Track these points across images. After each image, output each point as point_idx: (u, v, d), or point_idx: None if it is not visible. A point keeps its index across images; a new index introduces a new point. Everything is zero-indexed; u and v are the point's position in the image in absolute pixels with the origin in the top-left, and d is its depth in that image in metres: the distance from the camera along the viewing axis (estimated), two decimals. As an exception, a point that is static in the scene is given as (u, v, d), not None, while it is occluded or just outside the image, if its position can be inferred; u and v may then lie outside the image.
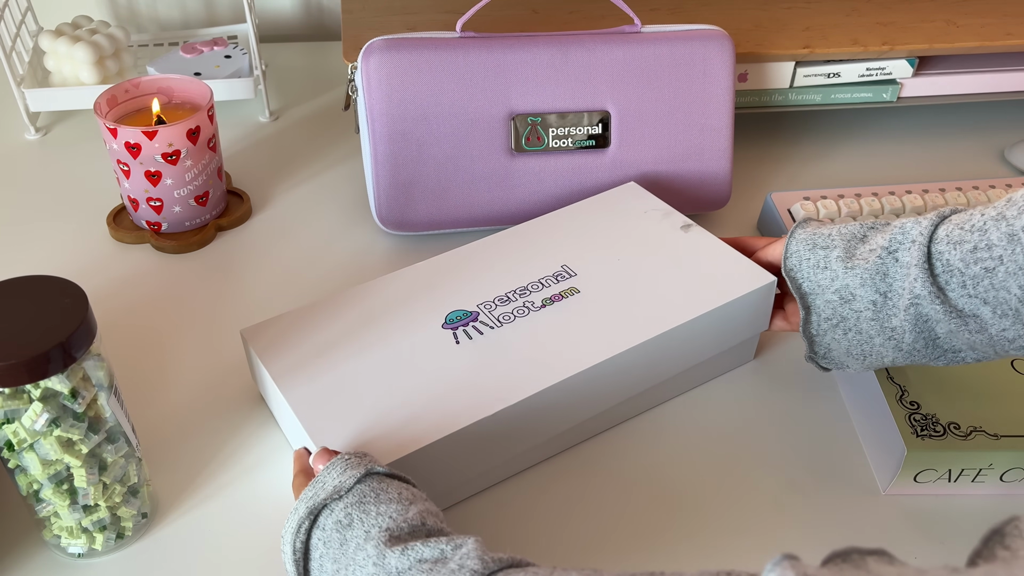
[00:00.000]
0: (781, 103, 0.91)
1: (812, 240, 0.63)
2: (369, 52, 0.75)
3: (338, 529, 0.48)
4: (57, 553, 0.58)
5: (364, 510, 0.48)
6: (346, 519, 0.48)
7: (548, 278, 0.67)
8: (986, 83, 0.93)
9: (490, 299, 0.65)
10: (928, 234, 0.56)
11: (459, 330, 0.63)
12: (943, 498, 0.61)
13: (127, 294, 0.78)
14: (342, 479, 0.50)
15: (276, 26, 1.17)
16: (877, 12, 0.93)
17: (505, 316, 0.64)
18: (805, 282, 0.62)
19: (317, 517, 0.50)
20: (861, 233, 0.61)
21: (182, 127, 0.77)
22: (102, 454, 0.53)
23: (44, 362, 0.47)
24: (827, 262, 0.61)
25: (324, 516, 0.49)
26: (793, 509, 0.61)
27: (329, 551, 0.48)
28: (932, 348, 0.58)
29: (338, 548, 0.48)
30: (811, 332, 0.63)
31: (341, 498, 0.49)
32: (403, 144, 0.77)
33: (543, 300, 0.65)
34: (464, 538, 0.46)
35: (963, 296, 0.54)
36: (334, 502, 0.49)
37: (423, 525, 0.48)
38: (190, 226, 0.83)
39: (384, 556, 0.46)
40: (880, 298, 0.58)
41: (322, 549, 0.49)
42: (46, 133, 0.97)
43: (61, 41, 0.93)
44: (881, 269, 0.58)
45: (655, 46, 0.78)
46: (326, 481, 0.50)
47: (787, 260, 0.63)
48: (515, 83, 0.77)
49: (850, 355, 0.62)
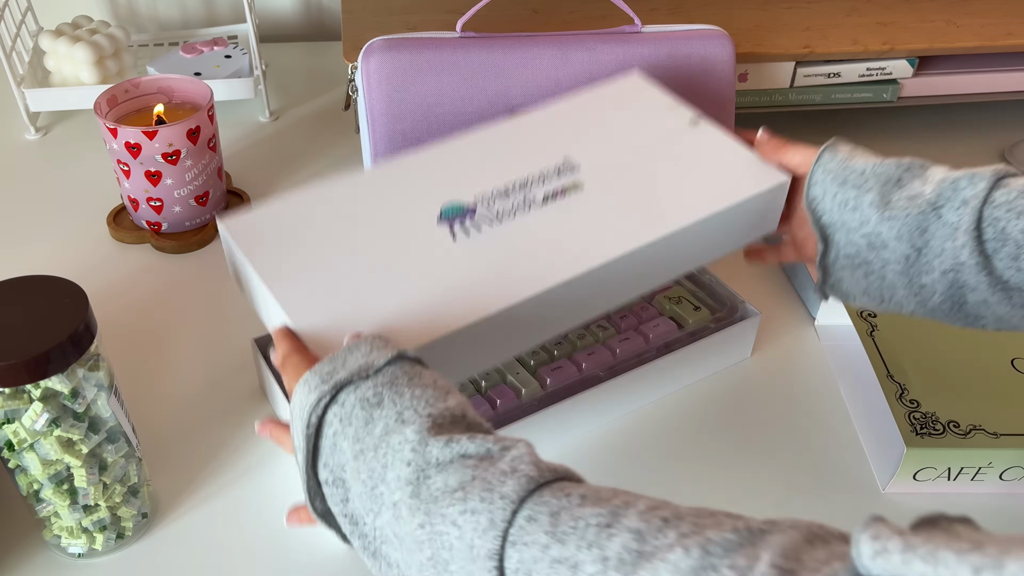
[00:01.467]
0: (781, 103, 0.91)
1: (842, 175, 0.57)
2: (369, 52, 0.75)
3: (363, 407, 0.44)
4: (57, 553, 0.58)
5: (397, 391, 0.44)
6: (375, 398, 0.44)
7: (549, 171, 0.62)
8: (986, 83, 0.93)
9: (488, 192, 0.60)
10: (983, 197, 0.52)
11: (455, 225, 0.58)
12: (943, 496, 0.61)
13: (127, 294, 0.78)
14: (369, 358, 0.45)
15: (276, 26, 1.17)
16: (877, 12, 0.93)
17: (505, 212, 0.59)
18: (826, 215, 0.58)
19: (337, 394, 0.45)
20: (896, 175, 0.56)
21: (182, 127, 0.77)
22: (102, 454, 0.53)
23: (44, 362, 0.47)
24: (858, 203, 0.56)
25: (345, 392, 0.44)
26: (793, 508, 0.61)
27: (348, 429, 0.44)
28: (957, 311, 0.55)
29: (362, 427, 0.43)
30: (827, 264, 0.59)
31: (368, 377, 0.45)
32: (403, 144, 0.77)
33: (544, 195, 0.60)
34: (512, 439, 0.42)
35: (1012, 268, 0.51)
36: (360, 380, 0.45)
37: (463, 417, 0.44)
38: (190, 226, 0.83)
39: (427, 443, 0.41)
40: (914, 253, 0.55)
41: (337, 427, 0.44)
42: (46, 133, 0.97)
43: (61, 41, 0.93)
44: (921, 224, 0.54)
45: (655, 46, 0.78)
46: (347, 359, 0.46)
47: (810, 188, 0.58)
48: (515, 83, 0.77)
49: (866, 295, 0.58)
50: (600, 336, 0.68)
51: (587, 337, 0.67)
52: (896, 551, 0.30)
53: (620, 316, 0.69)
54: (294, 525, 0.53)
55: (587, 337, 0.67)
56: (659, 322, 0.68)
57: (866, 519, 0.31)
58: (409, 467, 0.41)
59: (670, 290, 0.71)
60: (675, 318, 0.70)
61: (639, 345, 0.67)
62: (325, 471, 0.44)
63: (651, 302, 0.71)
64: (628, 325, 0.69)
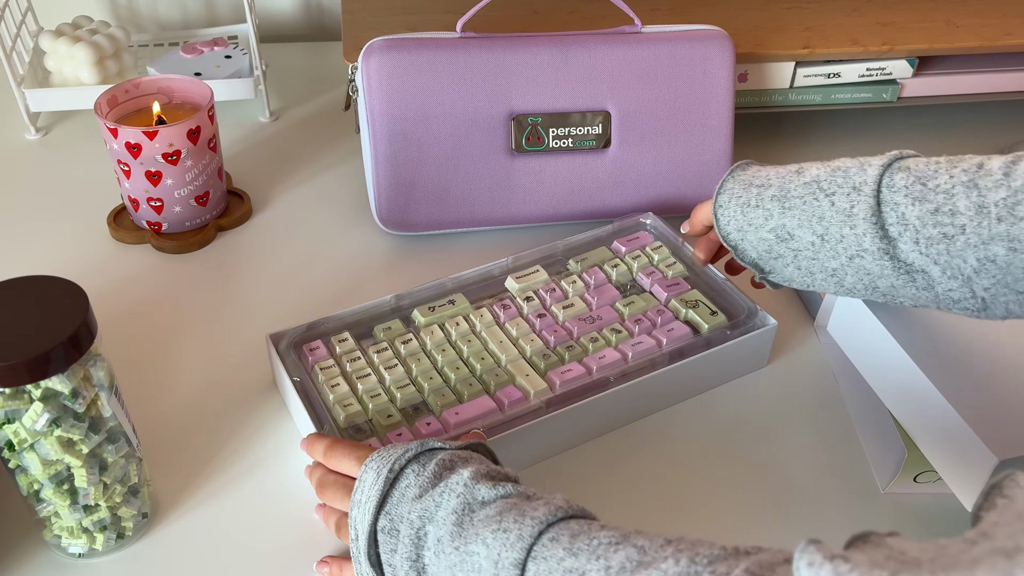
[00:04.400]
0: (781, 103, 0.91)
1: (747, 180, 0.62)
2: (369, 52, 0.75)
3: (437, 466, 0.49)
4: (57, 553, 0.58)
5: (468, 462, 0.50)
6: (449, 462, 0.50)
7: None
8: (986, 83, 0.93)
9: None
10: (875, 183, 0.54)
11: None
12: (943, 498, 0.61)
13: (127, 294, 0.78)
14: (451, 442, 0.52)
15: (276, 26, 1.17)
16: (877, 12, 0.93)
17: None
18: (733, 221, 0.62)
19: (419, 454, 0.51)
20: (797, 167, 0.60)
21: (182, 127, 0.77)
22: (102, 454, 0.53)
23: (45, 362, 0.47)
24: (760, 200, 0.60)
25: (427, 455, 0.51)
26: (793, 509, 0.61)
27: (418, 481, 0.49)
28: (872, 291, 0.58)
29: (429, 479, 0.49)
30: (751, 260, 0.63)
31: (448, 448, 0.51)
32: (403, 144, 0.77)
33: None
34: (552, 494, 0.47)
35: (914, 252, 0.53)
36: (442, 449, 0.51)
37: (516, 480, 0.50)
38: (190, 226, 0.83)
39: (477, 483, 0.47)
40: (818, 240, 0.57)
41: (411, 479, 0.49)
42: (46, 133, 0.97)
43: (61, 41, 0.93)
44: (817, 212, 0.57)
45: (655, 46, 0.78)
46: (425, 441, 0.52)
47: (718, 196, 0.63)
48: (515, 83, 0.77)
49: (794, 281, 0.62)
50: (612, 340, 0.67)
51: (599, 340, 0.67)
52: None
53: (634, 320, 0.68)
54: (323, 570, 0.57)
55: (599, 340, 0.67)
56: (673, 326, 0.68)
57: (802, 544, 0.33)
58: (458, 499, 0.47)
59: (686, 293, 0.71)
60: (691, 323, 0.69)
61: (652, 350, 0.66)
62: (385, 519, 0.49)
63: (667, 305, 0.71)
64: (642, 329, 0.68)
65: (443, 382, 0.64)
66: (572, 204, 0.81)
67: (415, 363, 0.65)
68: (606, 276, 0.73)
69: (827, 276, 0.59)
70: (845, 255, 0.56)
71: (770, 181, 0.61)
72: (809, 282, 0.61)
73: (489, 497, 0.47)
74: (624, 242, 0.75)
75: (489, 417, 0.62)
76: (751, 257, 0.63)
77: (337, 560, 0.56)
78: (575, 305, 0.70)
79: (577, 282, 0.72)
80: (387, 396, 0.63)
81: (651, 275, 0.72)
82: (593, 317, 0.69)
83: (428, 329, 0.67)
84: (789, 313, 0.75)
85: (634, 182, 0.81)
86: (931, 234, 0.52)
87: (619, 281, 0.73)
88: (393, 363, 0.65)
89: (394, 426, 0.61)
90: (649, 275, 0.72)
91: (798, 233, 0.58)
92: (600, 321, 0.68)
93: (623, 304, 0.70)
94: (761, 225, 0.60)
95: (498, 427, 0.61)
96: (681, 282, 0.72)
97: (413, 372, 0.65)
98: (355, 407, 0.62)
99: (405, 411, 0.63)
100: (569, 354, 0.66)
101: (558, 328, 0.68)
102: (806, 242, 0.58)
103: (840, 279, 0.58)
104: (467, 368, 0.65)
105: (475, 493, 0.47)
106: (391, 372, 0.64)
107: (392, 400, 0.63)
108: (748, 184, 0.62)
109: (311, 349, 0.66)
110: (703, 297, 0.70)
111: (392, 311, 0.70)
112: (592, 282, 0.72)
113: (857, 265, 0.56)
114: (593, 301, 0.70)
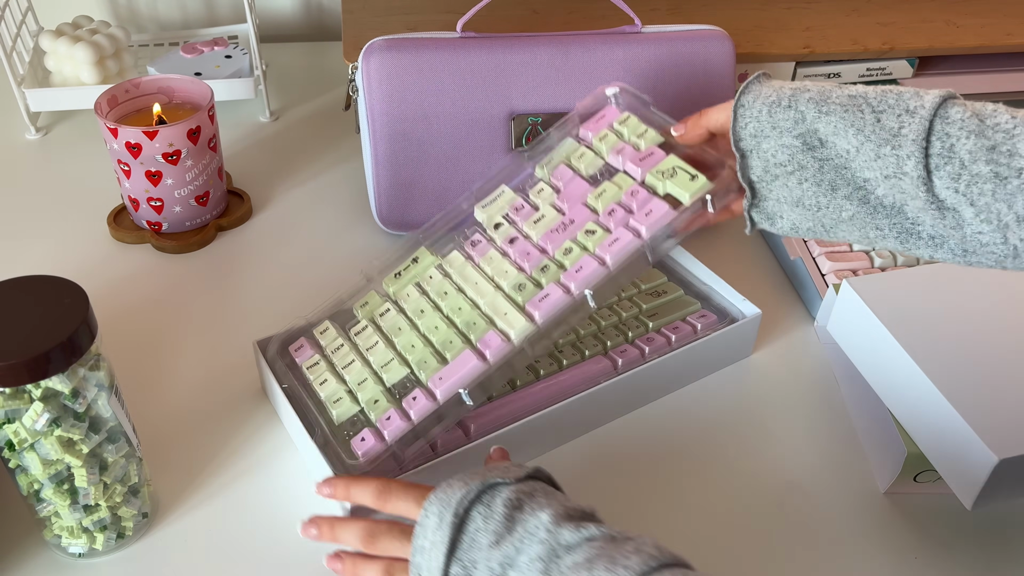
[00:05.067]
0: (781, 103, 0.91)
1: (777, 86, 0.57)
2: (370, 52, 0.75)
3: (505, 506, 0.47)
4: (58, 553, 0.58)
5: (533, 497, 0.48)
6: (516, 500, 0.47)
7: None
8: (986, 83, 0.93)
9: None
10: (933, 109, 0.51)
11: None
12: (943, 498, 0.61)
13: (127, 294, 0.78)
14: (509, 472, 0.49)
15: (276, 26, 1.17)
16: (877, 12, 0.93)
17: None
18: (752, 123, 0.57)
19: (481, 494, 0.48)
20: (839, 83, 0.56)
21: (183, 127, 0.77)
22: (103, 454, 0.53)
23: (45, 362, 0.47)
24: (794, 101, 0.55)
25: (489, 494, 0.48)
26: (793, 509, 0.61)
27: (489, 525, 0.47)
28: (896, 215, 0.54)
29: (500, 523, 0.47)
30: (751, 179, 0.58)
31: (511, 483, 0.49)
32: (403, 144, 0.77)
33: None
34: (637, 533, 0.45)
35: (949, 188, 0.50)
36: (503, 485, 0.49)
37: (592, 515, 0.48)
38: (190, 226, 0.83)
39: (559, 527, 0.45)
40: (854, 150, 0.53)
41: (480, 523, 0.47)
42: (46, 133, 0.98)
43: (61, 41, 0.93)
44: (858, 123, 0.53)
45: (655, 46, 0.78)
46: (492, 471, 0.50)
47: (743, 95, 0.58)
48: (515, 83, 0.77)
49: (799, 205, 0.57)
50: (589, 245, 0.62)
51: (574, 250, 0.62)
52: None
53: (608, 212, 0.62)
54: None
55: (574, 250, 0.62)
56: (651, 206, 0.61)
57: None
58: (542, 546, 0.45)
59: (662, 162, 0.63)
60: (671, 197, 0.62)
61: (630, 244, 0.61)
62: (457, 566, 0.47)
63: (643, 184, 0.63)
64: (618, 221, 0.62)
65: (426, 348, 0.60)
66: (572, 204, 0.81)
67: (397, 336, 0.62)
68: (574, 171, 0.65)
69: (852, 190, 0.54)
70: (880, 172, 0.52)
71: (806, 86, 0.56)
72: (822, 202, 0.56)
73: (574, 541, 0.45)
74: (590, 125, 0.67)
75: (475, 374, 0.58)
76: (755, 172, 0.58)
77: (351, 556, 0.53)
78: (546, 216, 0.63)
79: (545, 189, 0.65)
80: (374, 380, 0.61)
81: (621, 152, 0.64)
82: (565, 223, 0.62)
83: (403, 294, 0.64)
84: (781, 305, 0.75)
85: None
86: (981, 171, 0.49)
87: (589, 172, 0.65)
88: (374, 342, 0.62)
89: (383, 411, 0.59)
90: (619, 153, 0.64)
91: (832, 140, 0.54)
92: (573, 226, 0.62)
93: (594, 197, 0.63)
94: (789, 129, 0.55)
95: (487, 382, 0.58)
96: (655, 151, 0.63)
97: (397, 346, 0.62)
98: (346, 402, 0.60)
99: (391, 392, 0.60)
100: (545, 276, 0.60)
101: (531, 249, 0.62)
102: (840, 149, 0.54)
103: (866, 193, 0.54)
104: (446, 325, 0.61)
105: (559, 538, 0.45)
106: (373, 353, 0.61)
107: (381, 382, 0.60)
108: (778, 87, 0.57)
109: (296, 349, 0.65)
110: (680, 162, 0.62)
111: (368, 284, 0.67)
112: (561, 185, 0.64)
113: (891, 183, 0.52)
114: (564, 206, 0.63)
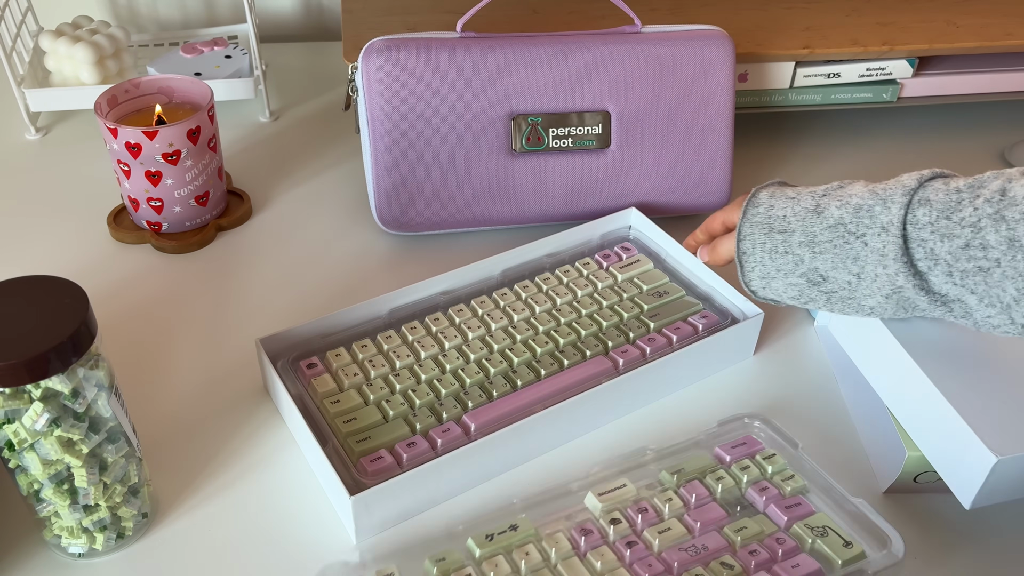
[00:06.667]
0: (781, 103, 0.91)
1: (767, 224, 0.62)
2: (369, 52, 0.75)
3: None
4: (57, 553, 0.58)
5: None
6: None
7: None
8: (986, 83, 0.93)
9: None
10: (900, 222, 0.55)
11: None
12: (943, 498, 0.61)
13: (127, 294, 0.78)
14: None
15: (276, 26, 1.17)
16: (877, 12, 0.93)
17: None
18: (759, 267, 0.63)
19: None
20: (813, 205, 0.60)
21: (182, 127, 0.77)
22: (102, 454, 0.53)
23: (44, 362, 0.47)
24: (788, 247, 0.61)
25: None
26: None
27: None
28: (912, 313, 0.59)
29: None
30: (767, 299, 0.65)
31: None
32: (403, 144, 0.77)
33: None
34: None
35: (948, 283, 0.54)
36: None
37: None
38: (190, 226, 0.83)
39: None
40: (855, 279, 0.58)
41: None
42: (46, 133, 0.97)
43: (61, 41, 0.93)
44: (851, 253, 0.58)
45: (655, 46, 0.78)
46: None
47: (740, 243, 0.64)
48: (515, 83, 0.77)
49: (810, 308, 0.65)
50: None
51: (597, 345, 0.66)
52: None
53: (748, 550, 0.56)
54: None
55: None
56: (799, 561, 0.55)
57: None
58: None
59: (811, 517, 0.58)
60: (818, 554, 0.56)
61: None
62: None
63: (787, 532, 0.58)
64: (759, 564, 0.55)
65: None
66: (572, 204, 0.81)
67: None
68: (709, 491, 0.59)
69: (865, 310, 0.60)
70: (881, 293, 0.57)
71: (791, 226, 0.61)
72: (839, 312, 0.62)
73: None
74: (728, 449, 0.62)
75: None
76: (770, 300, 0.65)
77: None
78: (672, 529, 0.56)
79: (673, 499, 0.58)
80: None
81: (764, 491, 0.59)
82: (697, 547, 0.55)
83: (491, 562, 0.54)
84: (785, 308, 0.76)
85: (634, 182, 0.81)
86: (966, 267, 0.52)
87: (724, 498, 0.59)
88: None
89: None
90: (762, 491, 0.59)
91: (833, 275, 0.59)
92: (707, 553, 0.55)
93: (733, 530, 0.56)
94: (791, 271, 0.61)
95: None
96: (802, 501, 0.58)
97: None
98: None
99: None
100: None
101: (653, 561, 0.55)
102: (842, 282, 0.59)
103: (879, 315, 0.60)
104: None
105: None
106: None
107: None
108: (768, 230, 0.62)
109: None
110: (831, 521, 0.57)
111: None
112: (692, 500, 0.58)
113: (895, 299, 0.57)
114: (695, 525, 0.57)
